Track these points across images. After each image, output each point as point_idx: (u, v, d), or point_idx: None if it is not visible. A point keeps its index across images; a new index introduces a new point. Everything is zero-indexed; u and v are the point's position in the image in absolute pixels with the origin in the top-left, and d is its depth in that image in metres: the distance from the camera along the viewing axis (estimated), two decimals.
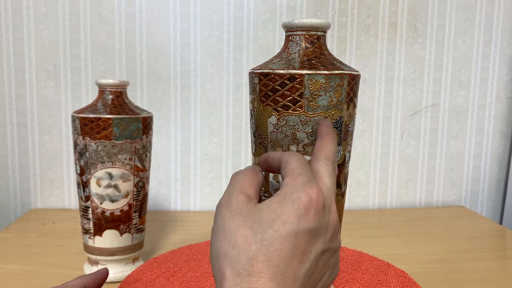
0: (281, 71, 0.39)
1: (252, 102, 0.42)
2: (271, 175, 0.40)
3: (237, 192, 0.31)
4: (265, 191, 0.41)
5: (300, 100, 0.38)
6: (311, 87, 0.38)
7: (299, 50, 0.41)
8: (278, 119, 0.39)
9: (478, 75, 0.91)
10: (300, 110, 0.39)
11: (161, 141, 0.86)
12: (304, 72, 0.38)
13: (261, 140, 0.41)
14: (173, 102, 0.85)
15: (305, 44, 0.41)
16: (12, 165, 0.85)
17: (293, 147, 0.40)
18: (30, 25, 0.81)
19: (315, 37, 0.41)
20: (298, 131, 0.39)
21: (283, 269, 0.27)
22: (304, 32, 0.41)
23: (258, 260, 0.27)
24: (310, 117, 0.39)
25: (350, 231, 0.75)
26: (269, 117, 0.40)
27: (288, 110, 0.39)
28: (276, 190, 0.40)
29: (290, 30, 0.42)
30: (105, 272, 0.45)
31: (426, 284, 0.56)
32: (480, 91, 0.91)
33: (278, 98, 0.39)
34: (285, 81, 0.38)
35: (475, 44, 0.90)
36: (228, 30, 0.84)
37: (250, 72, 0.42)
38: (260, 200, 0.34)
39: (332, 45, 0.86)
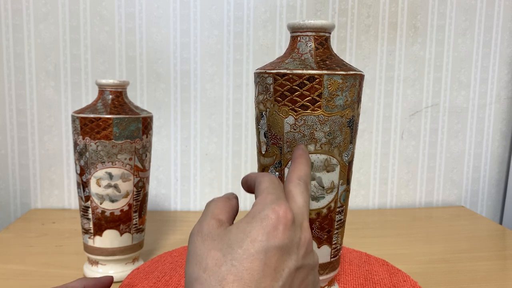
0: (300, 71, 0.39)
1: (263, 102, 0.41)
2: None
3: (209, 219, 0.31)
4: None
5: (319, 100, 0.39)
6: (329, 87, 0.38)
7: (310, 50, 0.41)
8: (296, 119, 0.39)
9: (478, 75, 0.91)
10: (318, 110, 0.39)
11: (161, 141, 0.86)
12: (323, 72, 0.38)
13: (275, 141, 0.41)
14: (173, 102, 0.85)
15: (315, 45, 0.41)
16: (12, 165, 0.85)
17: (311, 147, 0.40)
18: (30, 25, 0.81)
19: (324, 38, 0.41)
20: (316, 130, 0.39)
21: (255, 287, 0.27)
22: (313, 33, 0.41)
23: (229, 281, 0.27)
24: (328, 116, 0.39)
25: (350, 231, 0.75)
26: (286, 117, 0.40)
27: (306, 110, 0.39)
28: None
29: (299, 30, 0.41)
30: (108, 280, 0.44)
31: (426, 284, 0.56)
32: (480, 91, 0.91)
33: (297, 98, 0.39)
34: (304, 81, 0.38)
35: (475, 44, 0.90)
36: (228, 30, 0.84)
37: (260, 72, 0.41)
38: None
39: (332, 45, 0.86)
